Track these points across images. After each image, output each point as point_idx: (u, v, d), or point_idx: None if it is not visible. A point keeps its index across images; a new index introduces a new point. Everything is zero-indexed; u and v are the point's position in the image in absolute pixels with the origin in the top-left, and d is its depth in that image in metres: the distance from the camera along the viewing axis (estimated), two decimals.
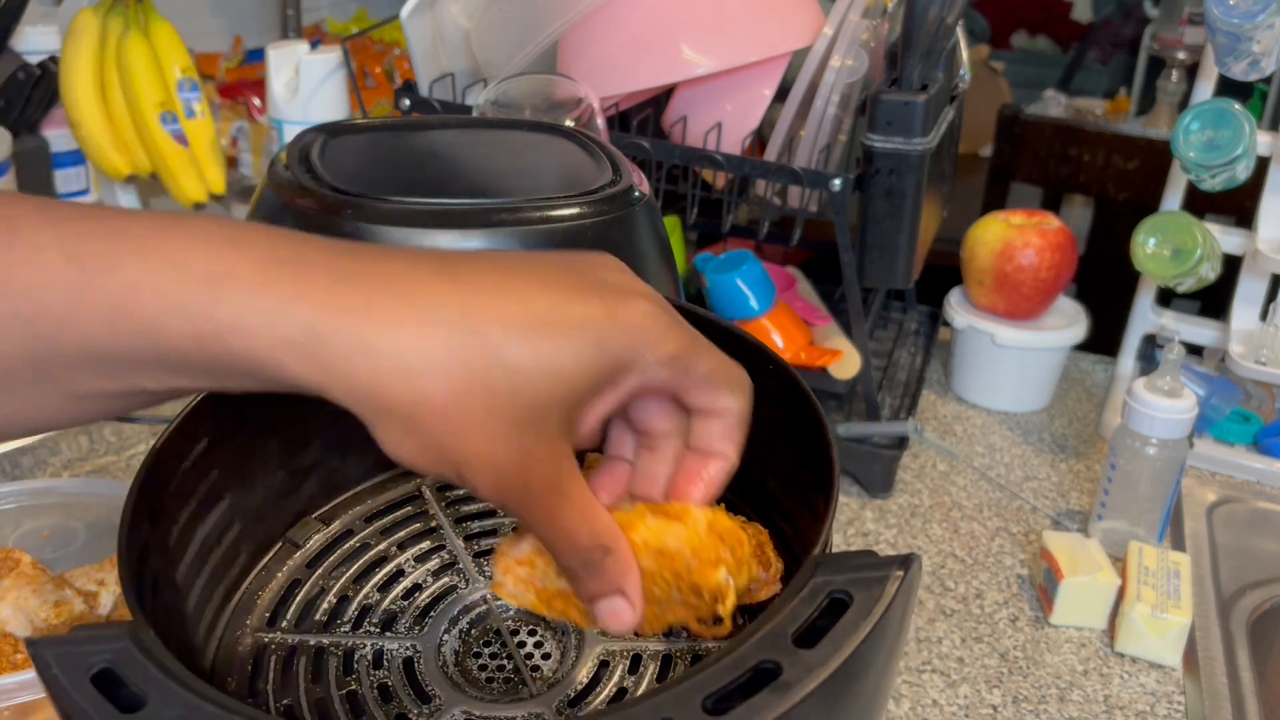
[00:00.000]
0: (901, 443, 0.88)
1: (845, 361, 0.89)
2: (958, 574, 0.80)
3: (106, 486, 0.68)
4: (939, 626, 0.75)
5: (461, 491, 0.55)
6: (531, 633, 0.48)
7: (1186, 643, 0.72)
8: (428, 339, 0.30)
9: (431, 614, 0.48)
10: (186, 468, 0.44)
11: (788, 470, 0.48)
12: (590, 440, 0.36)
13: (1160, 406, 0.77)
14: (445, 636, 0.47)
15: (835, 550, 0.37)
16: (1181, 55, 2.06)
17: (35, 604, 0.60)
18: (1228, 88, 0.87)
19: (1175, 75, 2.05)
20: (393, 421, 0.31)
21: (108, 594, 0.65)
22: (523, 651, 0.47)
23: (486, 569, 0.51)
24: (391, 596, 0.49)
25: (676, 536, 0.37)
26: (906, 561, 0.33)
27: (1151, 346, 1.06)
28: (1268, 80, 2.18)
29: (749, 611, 0.46)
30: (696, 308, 0.50)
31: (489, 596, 0.49)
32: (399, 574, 0.50)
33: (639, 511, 0.38)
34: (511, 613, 0.49)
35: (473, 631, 0.48)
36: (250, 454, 0.48)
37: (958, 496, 0.90)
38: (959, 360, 1.04)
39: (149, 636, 0.32)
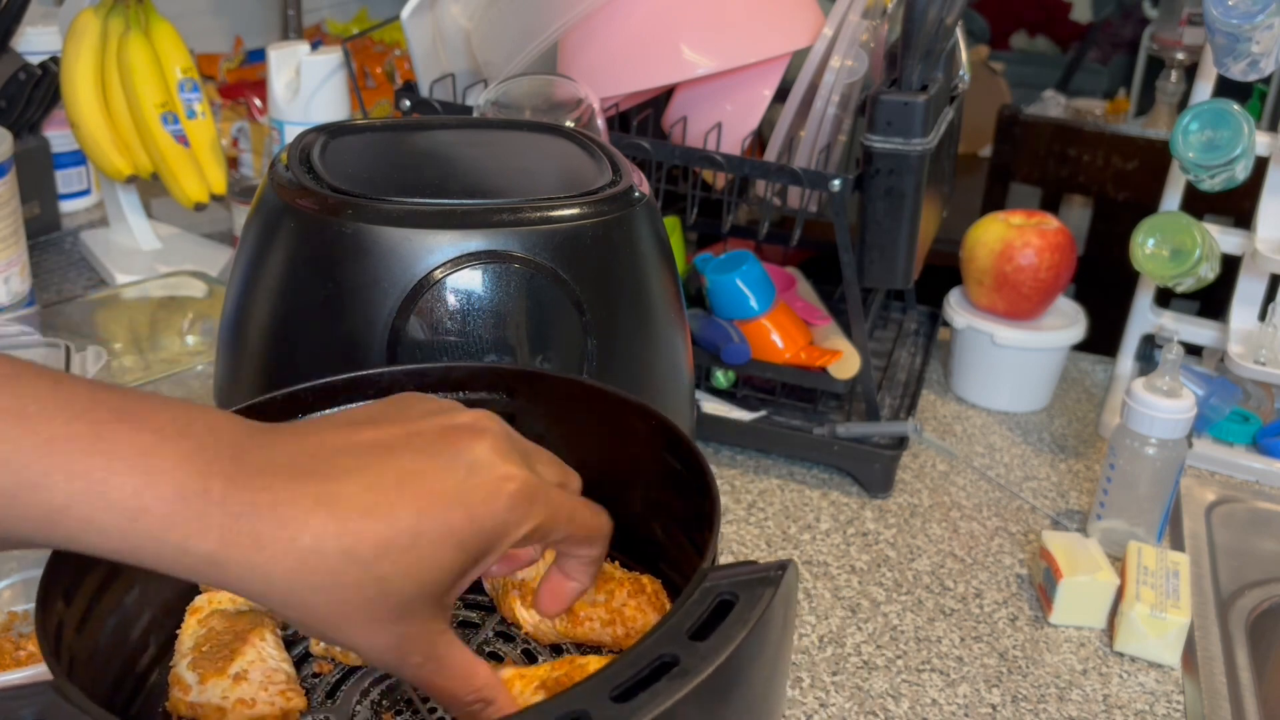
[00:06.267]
0: (901, 443, 0.88)
1: (845, 361, 0.89)
2: (957, 574, 0.81)
3: None
4: (938, 626, 0.75)
5: None
6: None
7: (1185, 642, 0.73)
8: (310, 570, 0.35)
9: (343, 687, 0.48)
10: None
11: (674, 519, 0.51)
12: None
13: (1159, 406, 0.77)
14: (358, 707, 0.47)
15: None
16: (1181, 56, 2.06)
17: None
18: (1227, 88, 0.87)
19: (1174, 76, 2.05)
20: (287, 615, 0.37)
21: None
22: (435, 717, 0.47)
23: None
24: (304, 674, 0.49)
25: None
26: (783, 566, 0.38)
27: (1151, 346, 1.06)
28: (1267, 80, 2.18)
29: None
30: (583, 380, 0.51)
31: None
32: (308, 656, 0.50)
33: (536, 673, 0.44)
34: None
35: (384, 702, 0.48)
36: None
37: (957, 496, 0.90)
38: (958, 360, 1.04)
39: (73, 690, 0.34)
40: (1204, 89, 0.92)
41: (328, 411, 0.52)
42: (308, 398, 0.52)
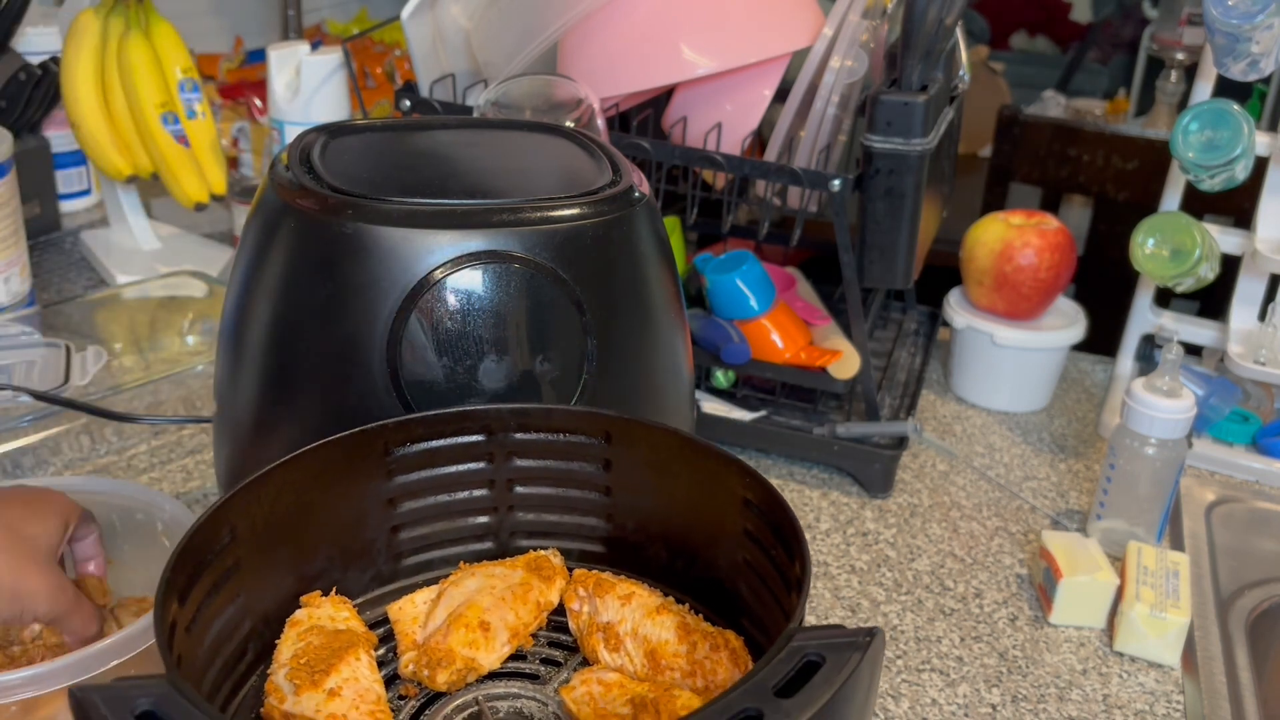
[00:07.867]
0: (901, 442, 0.88)
1: (845, 361, 0.89)
2: (957, 573, 0.81)
3: (107, 485, 0.69)
4: (938, 626, 0.75)
5: None
6: None
7: (1185, 642, 0.73)
8: None
9: (427, 711, 0.49)
10: (212, 557, 0.47)
11: (760, 577, 0.51)
12: None
13: (1159, 406, 0.77)
14: None
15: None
16: (1180, 56, 2.06)
17: None
18: (1226, 88, 0.87)
19: (1174, 76, 2.05)
20: None
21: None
22: None
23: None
24: (389, 696, 0.50)
25: None
26: (871, 632, 0.39)
27: (1150, 346, 1.06)
28: (1266, 81, 2.18)
29: None
30: (698, 438, 0.53)
31: (481, 699, 0.50)
32: (395, 677, 0.51)
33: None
34: (502, 714, 0.50)
35: None
36: (266, 555, 0.50)
37: (957, 496, 0.90)
38: (958, 360, 1.04)
39: (185, 685, 0.35)
40: (1204, 89, 0.91)
41: (428, 444, 0.55)
42: (417, 429, 0.54)
